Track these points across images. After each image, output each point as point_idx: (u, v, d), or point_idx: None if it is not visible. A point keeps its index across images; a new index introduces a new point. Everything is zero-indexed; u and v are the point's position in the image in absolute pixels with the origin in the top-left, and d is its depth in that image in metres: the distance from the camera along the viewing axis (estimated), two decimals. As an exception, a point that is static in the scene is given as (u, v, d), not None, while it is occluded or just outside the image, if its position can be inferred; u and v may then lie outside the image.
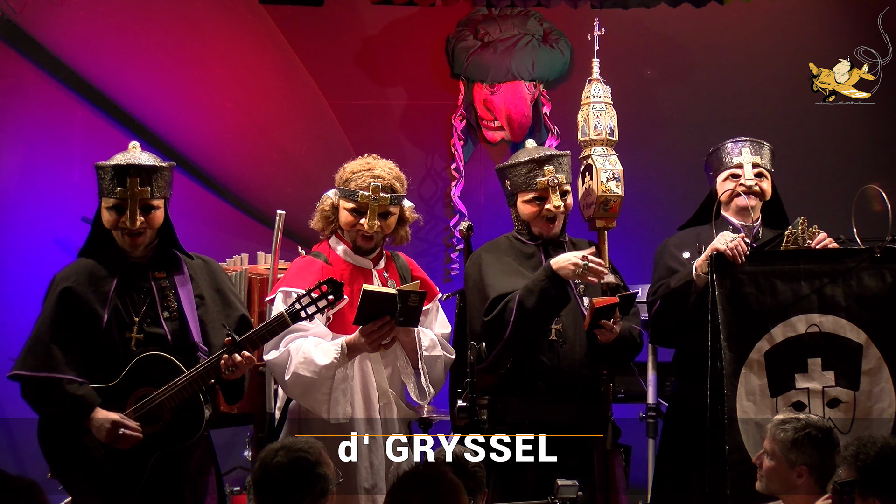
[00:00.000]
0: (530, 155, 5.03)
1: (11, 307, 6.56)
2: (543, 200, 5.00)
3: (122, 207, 4.57)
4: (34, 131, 6.86)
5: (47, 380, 4.48)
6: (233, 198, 7.13)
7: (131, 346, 4.54)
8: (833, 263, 4.78)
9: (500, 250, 5.09)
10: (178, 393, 4.48)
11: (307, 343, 4.68)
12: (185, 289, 4.65)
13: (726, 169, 5.21)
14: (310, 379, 4.64)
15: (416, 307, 4.63)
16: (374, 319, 4.62)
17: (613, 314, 4.84)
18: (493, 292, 4.92)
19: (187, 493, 4.57)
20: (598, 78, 5.21)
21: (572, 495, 4.32)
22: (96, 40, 6.89)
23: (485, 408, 4.82)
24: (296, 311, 4.51)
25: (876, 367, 4.75)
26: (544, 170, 4.98)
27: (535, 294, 4.84)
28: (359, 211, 4.80)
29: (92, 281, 4.58)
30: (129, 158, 4.60)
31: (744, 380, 4.67)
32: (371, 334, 4.64)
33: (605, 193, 5.05)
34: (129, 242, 4.60)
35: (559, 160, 5.01)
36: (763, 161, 5.21)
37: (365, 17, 7.21)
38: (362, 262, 4.88)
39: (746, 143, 5.22)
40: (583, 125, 5.17)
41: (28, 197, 6.83)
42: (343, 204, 4.82)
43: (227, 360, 4.46)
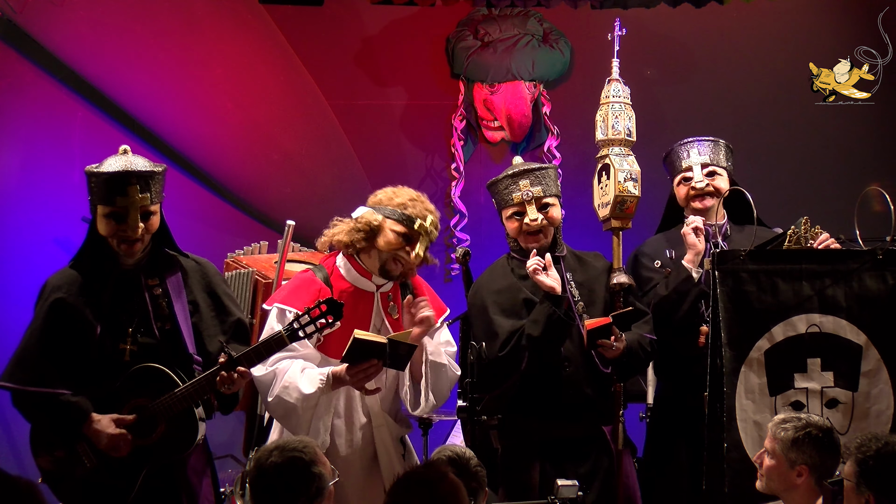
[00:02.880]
0: (508, 171, 5.06)
1: (11, 307, 6.55)
2: (522, 215, 5.00)
3: (121, 216, 4.48)
4: (34, 131, 6.85)
5: (37, 394, 4.43)
6: (233, 198, 7.12)
7: (125, 357, 4.48)
8: (835, 264, 4.78)
9: (499, 276, 5.09)
10: (172, 406, 4.43)
11: (294, 367, 4.63)
12: (179, 297, 4.58)
13: (678, 173, 5.24)
14: (292, 405, 4.60)
15: (405, 355, 4.61)
16: (361, 362, 4.59)
17: (610, 333, 4.83)
18: (503, 331, 4.92)
19: (183, 495, 4.55)
20: (617, 78, 5.21)
21: (572, 495, 4.32)
22: (96, 40, 6.88)
23: (495, 427, 4.81)
24: (294, 329, 4.46)
25: (875, 369, 4.75)
26: (519, 184, 5.00)
27: (542, 322, 4.86)
28: (409, 237, 4.72)
29: (84, 291, 4.50)
30: (123, 164, 4.50)
31: (743, 378, 4.67)
32: (356, 374, 4.58)
33: (622, 193, 5.05)
34: (126, 250, 4.53)
35: (536, 174, 5.01)
36: (715, 159, 5.21)
37: (365, 17, 7.20)
38: (365, 285, 4.81)
39: (695, 143, 5.23)
40: (601, 125, 5.16)
41: (28, 197, 6.82)
42: (392, 226, 4.71)
43: (224, 378, 4.44)
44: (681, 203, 5.25)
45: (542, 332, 4.85)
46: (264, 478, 3.65)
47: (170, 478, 4.53)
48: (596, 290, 5.03)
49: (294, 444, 3.72)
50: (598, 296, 5.01)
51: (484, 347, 4.71)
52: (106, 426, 4.42)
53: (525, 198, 4.97)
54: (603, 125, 5.15)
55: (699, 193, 5.16)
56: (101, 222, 4.52)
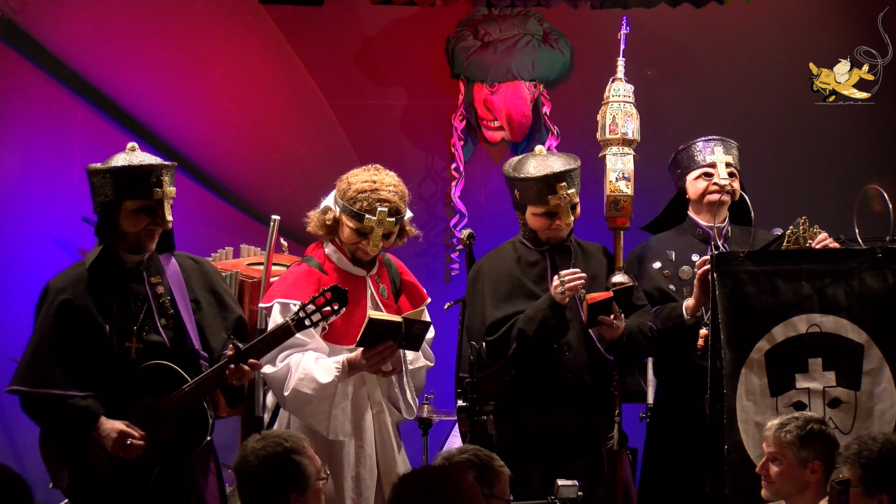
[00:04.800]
0: (542, 171, 4.93)
1: (11, 307, 6.54)
2: (554, 216, 4.96)
3: (153, 209, 4.47)
4: (34, 131, 6.85)
5: (48, 396, 4.41)
6: (233, 198, 7.12)
7: (131, 355, 4.48)
8: (834, 263, 4.78)
9: (503, 261, 5.07)
10: (181, 402, 4.44)
11: (307, 358, 4.66)
12: (181, 294, 4.59)
13: (698, 168, 5.21)
14: (310, 396, 4.62)
15: (420, 334, 4.64)
16: (376, 344, 4.61)
17: (610, 309, 4.83)
18: (489, 318, 4.92)
19: (192, 496, 4.55)
20: (621, 77, 5.20)
21: (572, 495, 4.32)
22: (96, 40, 6.88)
23: (490, 413, 4.82)
24: (300, 319, 4.48)
25: (877, 368, 4.75)
26: (556, 187, 4.91)
27: (536, 322, 4.86)
28: (361, 232, 4.76)
29: (90, 291, 4.49)
30: (142, 158, 4.51)
31: (744, 379, 4.67)
32: (373, 356, 4.62)
33: (614, 193, 5.06)
34: (147, 244, 4.52)
35: (570, 175, 4.94)
36: (734, 161, 5.22)
37: (365, 17, 7.20)
38: (357, 271, 4.87)
39: (718, 141, 5.23)
40: (602, 124, 5.16)
41: (28, 197, 6.81)
42: (346, 221, 4.77)
43: (233, 371, 4.44)
44: (694, 197, 5.22)
45: (535, 334, 4.85)
46: (245, 464, 3.67)
47: (177, 477, 4.53)
48: (598, 281, 5.03)
49: (280, 432, 3.76)
50: (600, 288, 5.01)
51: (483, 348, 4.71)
52: (117, 429, 4.41)
53: (563, 202, 4.92)
54: (604, 124, 5.15)
55: (719, 191, 5.14)
56: (128, 218, 4.48)
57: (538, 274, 4.98)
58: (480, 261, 5.12)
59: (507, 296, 4.97)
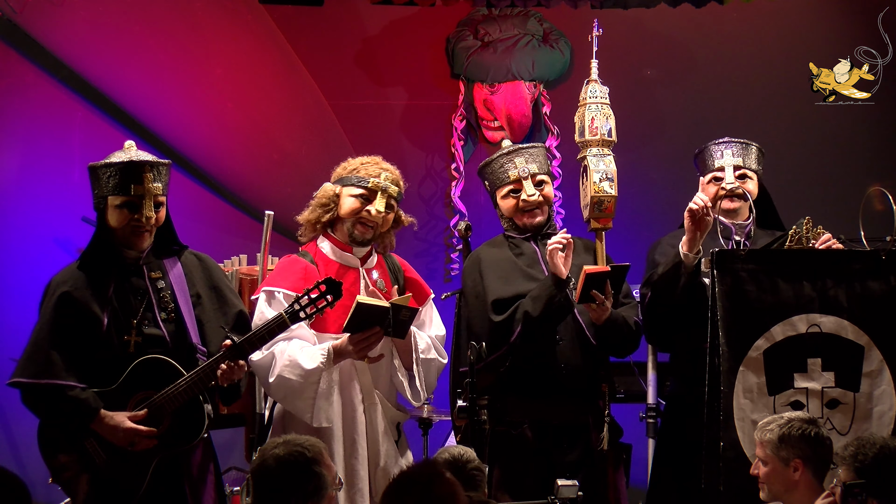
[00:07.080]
0: (501, 151, 5.14)
1: (11, 307, 6.55)
2: (518, 192, 5.06)
3: (135, 205, 4.51)
4: (34, 131, 6.85)
5: (48, 386, 4.43)
6: (233, 198, 7.13)
7: (130, 348, 4.50)
8: (837, 264, 4.78)
9: (498, 248, 5.12)
10: (178, 395, 4.45)
11: (292, 346, 4.68)
12: (182, 289, 4.62)
13: (709, 172, 5.24)
14: (295, 382, 4.64)
15: (406, 321, 4.66)
16: (363, 329, 4.63)
17: (605, 285, 4.84)
18: (492, 295, 4.94)
19: (189, 493, 4.56)
20: (595, 79, 5.22)
21: (572, 495, 4.32)
22: (96, 40, 6.88)
23: (485, 408, 4.82)
24: (295, 311, 4.50)
25: (878, 370, 4.74)
26: (515, 161, 5.09)
27: (542, 300, 4.86)
28: (367, 198, 4.83)
29: (89, 284, 4.52)
30: (134, 155, 4.56)
31: (741, 377, 4.67)
32: (359, 342, 4.64)
33: (598, 194, 5.06)
34: (136, 242, 4.56)
35: (529, 151, 5.12)
36: (747, 162, 5.21)
37: (365, 17, 7.20)
38: (350, 261, 4.88)
39: (729, 144, 5.23)
40: (580, 126, 5.19)
41: (28, 197, 6.82)
42: (349, 192, 4.86)
43: (225, 372, 4.45)
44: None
45: (542, 313, 4.85)
46: (265, 468, 3.66)
47: (175, 473, 4.54)
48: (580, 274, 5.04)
49: (302, 440, 3.73)
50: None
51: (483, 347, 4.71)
52: (121, 421, 4.43)
53: (522, 174, 5.06)
54: (581, 126, 5.17)
55: (728, 194, 5.16)
56: (113, 214, 4.54)
57: (530, 259, 5.02)
58: (476, 251, 5.18)
59: (508, 278, 5.00)
